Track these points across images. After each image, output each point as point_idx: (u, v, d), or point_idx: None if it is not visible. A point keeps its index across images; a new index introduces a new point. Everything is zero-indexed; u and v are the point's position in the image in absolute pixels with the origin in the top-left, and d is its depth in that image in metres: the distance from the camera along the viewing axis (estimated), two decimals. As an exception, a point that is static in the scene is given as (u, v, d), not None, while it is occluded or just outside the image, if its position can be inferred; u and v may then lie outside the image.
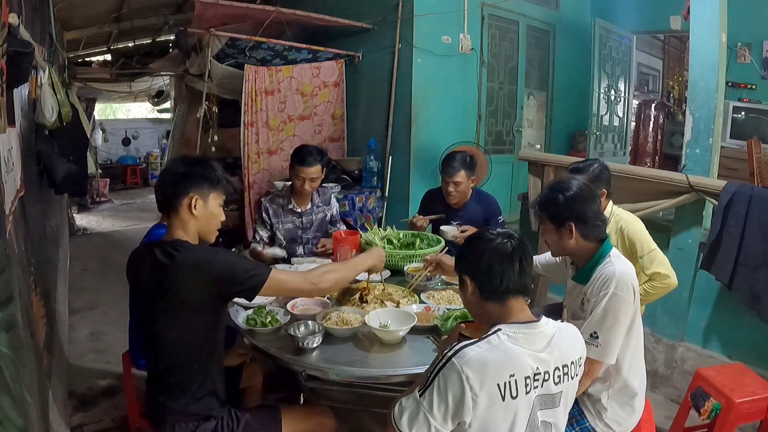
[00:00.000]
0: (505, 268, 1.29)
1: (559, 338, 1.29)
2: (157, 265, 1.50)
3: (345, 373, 1.67)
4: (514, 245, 1.32)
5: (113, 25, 6.16)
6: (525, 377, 1.21)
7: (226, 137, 5.35)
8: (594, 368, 1.63)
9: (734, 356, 2.79)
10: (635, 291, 1.65)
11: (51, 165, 2.53)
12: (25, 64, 1.68)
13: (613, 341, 1.61)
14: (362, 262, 1.89)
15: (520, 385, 1.21)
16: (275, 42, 4.31)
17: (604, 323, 1.61)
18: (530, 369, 1.22)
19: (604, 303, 1.61)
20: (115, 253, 5.71)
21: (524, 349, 1.23)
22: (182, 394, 1.57)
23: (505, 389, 1.19)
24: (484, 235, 1.37)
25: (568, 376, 1.29)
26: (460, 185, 2.85)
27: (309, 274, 1.69)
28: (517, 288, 1.31)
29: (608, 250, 1.72)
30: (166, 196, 1.60)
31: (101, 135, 9.63)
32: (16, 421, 1.02)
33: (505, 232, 1.35)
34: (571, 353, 1.31)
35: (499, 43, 4.89)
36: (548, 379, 1.25)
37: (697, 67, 2.91)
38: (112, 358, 3.22)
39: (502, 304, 1.31)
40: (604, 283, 1.63)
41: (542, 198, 1.79)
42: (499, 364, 1.20)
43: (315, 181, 2.75)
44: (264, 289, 1.56)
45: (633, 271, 1.68)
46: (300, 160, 2.67)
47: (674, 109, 5.98)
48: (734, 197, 2.56)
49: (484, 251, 1.32)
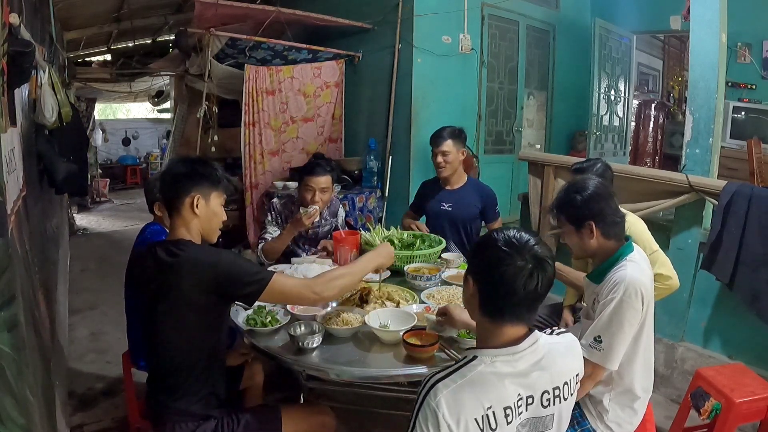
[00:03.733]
0: (515, 293, 1.12)
1: (550, 358, 1.17)
2: (160, 263, 1.51)
3: (345, 373, 1.66)
4: (536, 273, 1.12)
5: (113, 25, 6.17)
6: (504, 408, 1.11)
7: (226, 137, 5.35)
8: (596, 372, 1.61)
9: (734, 356, 2.79)
10: (644, 299, 1.60)
11: (51, 165, 2.53)
12: (26, 64, 1.68)
13: (617, 347, 1.59)
14: (370, 261, 1.83)
15: (499, 417, 1.10)
16: (275, 42, 4.31)
17: (609, 328, 1.59)
18: (512, 397, 1.12)
19: (611, 308, 1.59)
20: (115, 253, 5.71)
21: (504, 375, 1.12)
22: (183, 394, 1.57)
23: (483, 423, 1.08)
24: (511, 242, 1.15)
25: (559, 398, 1.18)
26: (448, 155, 2.87)
27: (314, 283, 1.63)
28: (520, 317, 1.16)
29: (627, 252, 1.69)
30: (168, 196, 1.61)
31: (101, 135, 9.62)
32: (18, 421, 1.02)
33: (536, 252, 1.13)
34: (565, 372, 1.19)
35: (499, 43, 4.90)
36: (532, 403, 1.14)
37: (697, 67, 2.91)
38: (112, 358, 3.22)
39: (496, 324, 1.17)
40: (613, 287, 1.61)
41: (559, 201, 1.76)
42: (474, 398, 1.08)
43: (325, 193, 2.63)
44: (266, 293, 1.54)
45: (646, 278, 1.65)
46: (309, 171, 2.61)
47: (674, 109, 5.98)
48: (734, 197, 2.56)
49: (499, 264, 1.13)
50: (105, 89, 8.05)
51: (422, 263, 2.47)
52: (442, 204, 2.99)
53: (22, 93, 1.96)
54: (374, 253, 1.88)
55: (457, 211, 2.97)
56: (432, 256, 2.52)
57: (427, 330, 1.81)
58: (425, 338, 1.72)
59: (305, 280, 1.72)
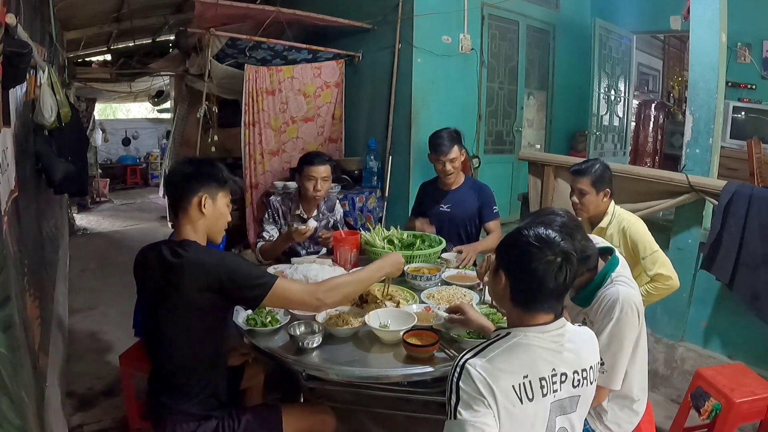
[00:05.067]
0: (547, 285, 1.19)
1: (577, 342, 1.26)
2: (164, 263, 1.51)
3: (345, 373, 1.66)
4: (565, 265, 1.19)
5: (113, 25, 6.17)
6: (540, 378, 1.17)
7: (226, 137, 5.36)
8: (600, 394, 1.59)
9: (734, 356, 2.79)
10: (639, 313, 1.60)
11: (50, 165, 2.53)
12: (23, 65, 1.67)
13: (619, 367, 1.58)
14: (378, 269, 1.79)
15: (535, 387, 1.16)
16: (275, 42, 4.31)
17: (609, 350, 1.57)
18: (546, 369, 1.18)
19: (608, 329, 1.57)
20: (115, 253, 5.71)
21: (538, 348, 1.19)
22: (184, 395, 1.57)
23: (521, 391, 1.14)
24: (541, 238, 1.21)
25: (587, 380, 1.25)
26: (456, 161, 2.89)
27: (317, 289, 1.62)
28: (551, 306, 1.23)
29: (614, 267, 1.67)
30: (175, 197, 1.62)
31: (101, 135, 9.61)
32: (15, 422, 1.02)
33: (563, 248, 1.20)
34: (590, 358, 1.27)
35: (499, 43, 4.89)
36: (565, 381, 1.21)
37: (697, 67, 2.90)
38: (112, 358, 3.21)
39: (529, 313, 1.24)
40: (609, 309, 1.58)
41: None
42: (511, 366, 1.16)
43: (326, 181, 2.72)
44: (269, 298, 1.54)
45: (636, 291, 1.64)
46: (308, 162, 2.68)
47: (674, 109, 5.98)
48: (734, 197, 2.56)
49: (531, 260, 1.19)
50: (105, 89, 8.05)
51: (422, 263, 2.47)
52: (441, 206, 2.98)
53: (17, 93, 1.95)
54: (382, 261, 1.83)
55: (456, 212, 2.96)
56: (432, 256, 2.52)
57: (433, 326, 1.82)
58: (425, 338, 1.72)
59: (309, 285, 1.70)
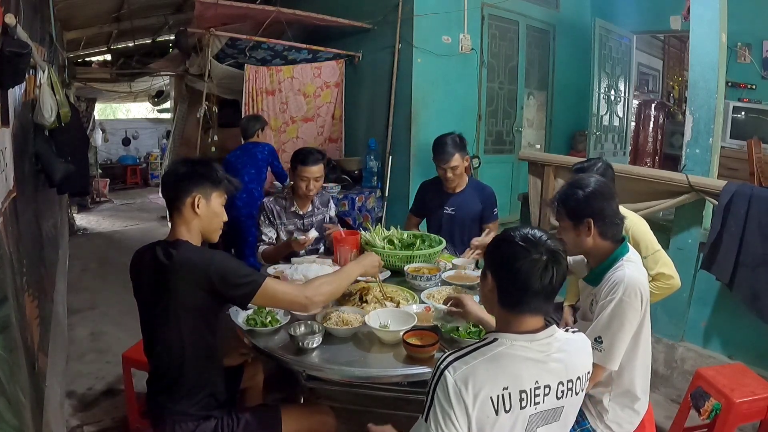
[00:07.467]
0: (532, 285, 1.17)
1: (566, 351, 1.23)
2: (157, 264, 1.53)
3: (345, 373, 1.66)
4: (551, 265, 1.17)
5: (113, 25, 6.18)
6: (520, 391, 1.15)
7: (226, 137, 5.35)
8: (596, 372, 1.60)
9: (734, 356, 2.79)
10: (643, 298, 1.61)
11: (49, 165, 2.53)
12: (22, 65, 1.67)
13: (617, 347, 1.59)
14: (353, 269, 1.86)
15: (514, 399, 1.14)
16: (275, 42, 4.31)
17: (609, 328, 1.59)
18: (528, 382, 1.16)
19: (610, 308, 1.59)
20: (115, 253, 5.71)
21: (524, 359, 1.17)
22: (182, 394, 1.58)
23: (498, 403, 1.13)
24: (527, 237, 1.21)
25: (572, 391, 1.22)
26: (457, 168, 2.90)
27: (306, 288, 1.66)
28: (538, 308, 1.21)
29: (624, 252, 1.69)
30: (169, 197, 1.63)
31: (101, 135, 9.61)
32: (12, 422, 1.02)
33: (550, 246, 1.19)
34: (579, 368, 1.24)
35: (499, 43, 4.90)
36: (549, 393, 1.19)
37: (697, 67, 2.90)
38: (112, 358, 3.21)
39: (515, 315, 1.22)
40: (612, 288, 1.61)
41: (562, 194, 1.76)
42: (492, 376, 1.13)
43: (319, 181, 2.74)
44: (258, 297, 1.55)
45: (644, 278, 1.65)
46: (302, 161, 2.68)
47: (674, 109, 5.98)
48: (734, 197, 2.56)
49: (516, 259, 1.18)
50: (105, 89, 8.05)
51: (422, 263, 2.46)
52: (445, 208, 2.99)
53: (16, 93, 1.95)
54: (356, 262, 1.93)
55: (460, 215, 2.97)
56: (432, 256, 2.51)
57: (433, 319, 1.83)
58: (425, 338, 1.72)
59: (298, 285, 1.73)
